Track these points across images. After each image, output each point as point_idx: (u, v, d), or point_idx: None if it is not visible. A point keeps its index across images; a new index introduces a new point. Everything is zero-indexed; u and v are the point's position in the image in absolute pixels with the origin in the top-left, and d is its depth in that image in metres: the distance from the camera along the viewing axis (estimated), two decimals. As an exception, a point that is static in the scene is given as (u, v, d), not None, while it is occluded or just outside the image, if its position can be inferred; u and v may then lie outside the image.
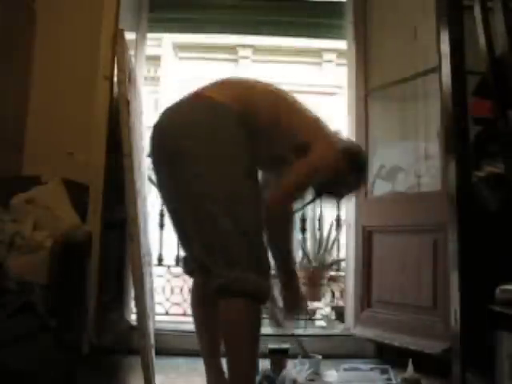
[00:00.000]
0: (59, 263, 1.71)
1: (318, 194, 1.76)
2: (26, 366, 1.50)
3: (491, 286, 1.75)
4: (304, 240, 3.96)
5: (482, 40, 1.97)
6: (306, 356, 2.23)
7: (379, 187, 2.86)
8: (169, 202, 1.75)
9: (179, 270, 2.89)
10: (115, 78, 2.41)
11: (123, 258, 2.58)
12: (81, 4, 2.52)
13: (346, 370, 2.34)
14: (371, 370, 2.35)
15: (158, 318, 2.81)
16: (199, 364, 1.87)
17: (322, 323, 3.51)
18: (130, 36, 2.68)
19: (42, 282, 1.71)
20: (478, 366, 1.85)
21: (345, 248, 3.14)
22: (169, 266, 3.50)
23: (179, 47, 8.82)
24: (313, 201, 1.81)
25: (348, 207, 3.03)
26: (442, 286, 2.31)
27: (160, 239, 3.24)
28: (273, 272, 1.67)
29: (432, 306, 2.40)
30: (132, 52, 2.90)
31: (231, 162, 1.50)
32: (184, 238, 1.74)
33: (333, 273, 3.77)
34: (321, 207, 4.00)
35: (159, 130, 1.61)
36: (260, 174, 1.69)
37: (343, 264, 3.50)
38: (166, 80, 8.68)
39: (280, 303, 1.81)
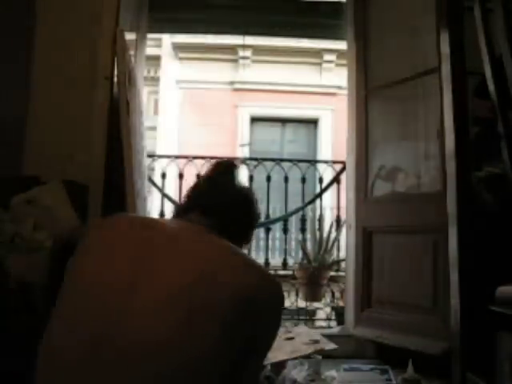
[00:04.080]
0: (59, 263, 1.71)
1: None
2: (26, 367, 1.50)
3: (491, 285, 1.75)
4: (304, 240, 3.96)
5: (481, 40, 1.97)
6: (306, 356, 2.23)
7: (379, 187, 2.86)
8: None
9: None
10: (115, 78, 2.41)
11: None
12: (81, 4, 2.52)
13: (346, 370, 2.34)
14: (371, 370, 2.36)
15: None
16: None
17: (322, 323, 3.51)
18: (129, 36, 2.68)
19: (42, 282, 1.71)
20: (478, 366, 1.85)
21: (345, 248, 3.14)
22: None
23: (179, 47, 8.82)
24: None
25: (348, 208, 3.03)
26: (441, 286, 2.31)
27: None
28: None
29: (432, 306, 2.40)
30: (132, 52, 2.90)
31: None
32: None
33: (333, 273, 3.77)
34: (321, 208, 4.01)
35: None
36: None
37: (343, 264, 3.50)
38: (166, 80, 8.68)
39: None
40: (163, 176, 3.76)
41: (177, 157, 4.07)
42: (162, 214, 3.09)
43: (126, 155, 2.14)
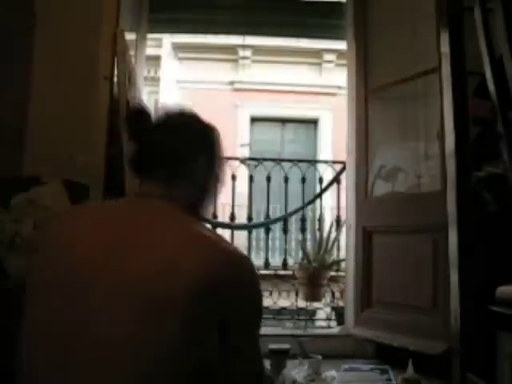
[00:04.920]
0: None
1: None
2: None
3: (491, 286, 1.75)
4: (304, 240, 3.96)
5: (481, 41, 1.97)
6: (305, 356, 2.23)
7: (379, 187, 2.86)
8: None
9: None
10: (115, 78, 2.41)
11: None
12: (81, 4, 2.52)
13: (345, 370, 2.35)
14: (371, 370, 2.36)
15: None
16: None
17: (322, 323, 3.51)
18: (129, 36, 2.68)
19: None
20: (478, 366, 1.85)
21: (345, 248, 3.14)
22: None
23: (179, 47, 8.82)
24: None
25: (348, 207, 3.03)
26: (441, 286, 2.31)
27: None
28: None
29: (432, 306, 2.40)
30: (132, 52, 2.90)
31: None
32: None
33: (333, 273, 3.77)
34: (321, 208, 4.01)
35: None
36: None
37: (343, 264, 3.50)
38: (166, 80, 8.68)
39: None
40: (163, 176, 3.76)
41: (177, 157, 4.06)
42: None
43: (126, 155, 2.14)
